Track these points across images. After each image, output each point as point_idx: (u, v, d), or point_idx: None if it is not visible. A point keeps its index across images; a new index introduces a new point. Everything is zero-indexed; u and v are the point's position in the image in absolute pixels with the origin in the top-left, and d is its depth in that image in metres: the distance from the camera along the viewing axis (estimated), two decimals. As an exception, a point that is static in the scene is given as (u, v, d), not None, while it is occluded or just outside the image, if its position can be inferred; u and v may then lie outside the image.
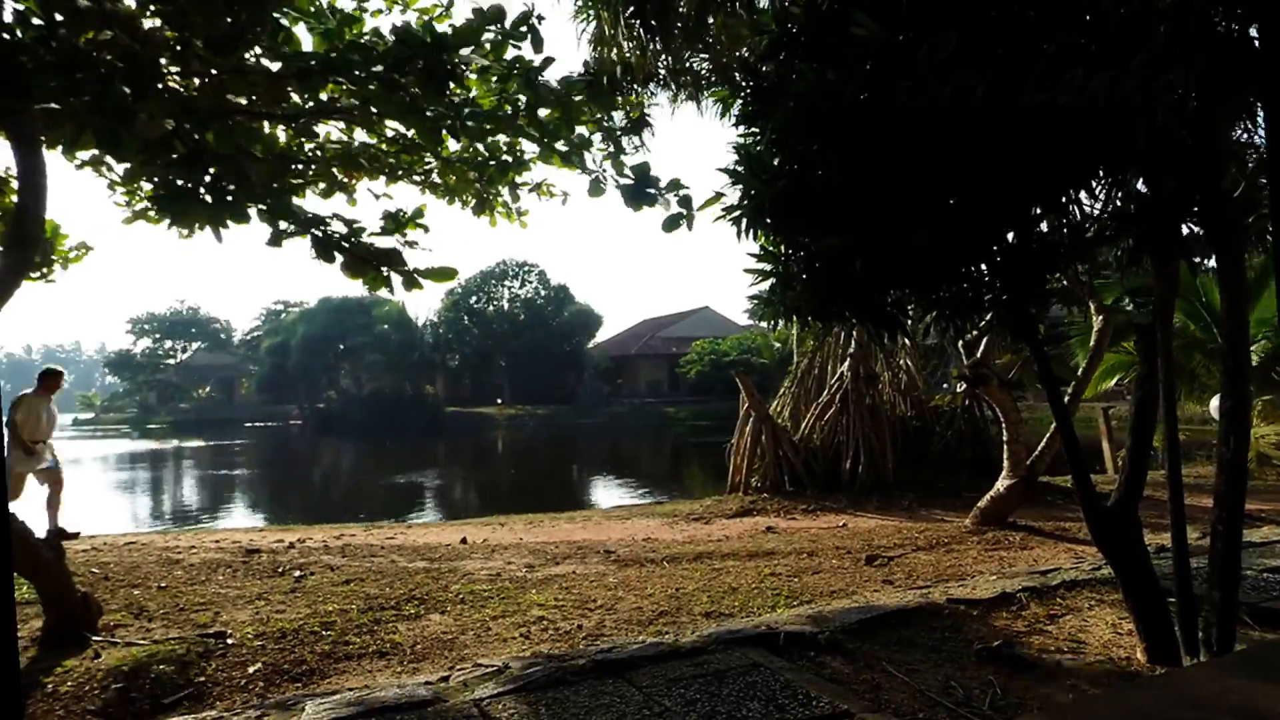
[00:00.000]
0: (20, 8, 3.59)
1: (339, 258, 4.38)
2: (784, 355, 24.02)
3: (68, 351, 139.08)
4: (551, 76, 4.26)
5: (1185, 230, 3.00)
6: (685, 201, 4.62)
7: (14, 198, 4.35)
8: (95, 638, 4.24)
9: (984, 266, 3.30)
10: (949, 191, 3.00)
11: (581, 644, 4.20)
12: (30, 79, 3.39)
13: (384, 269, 4.48)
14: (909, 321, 3.77)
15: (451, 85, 3.87)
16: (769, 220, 3.30)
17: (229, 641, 4.27)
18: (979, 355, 8.49)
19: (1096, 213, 3.17)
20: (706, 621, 4.57)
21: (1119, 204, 3.10)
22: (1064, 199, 3.10)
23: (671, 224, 4.63)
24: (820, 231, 3.20)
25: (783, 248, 3.47)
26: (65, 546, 4.47)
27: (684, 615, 4.78)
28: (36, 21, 3.57)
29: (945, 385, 14.86)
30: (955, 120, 2.70)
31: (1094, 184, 3.08)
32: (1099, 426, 12.38)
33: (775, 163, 3.22)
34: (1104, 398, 12.07)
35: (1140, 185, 3.05)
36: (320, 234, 4.36)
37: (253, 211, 4.25)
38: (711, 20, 9.47)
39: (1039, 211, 3.20)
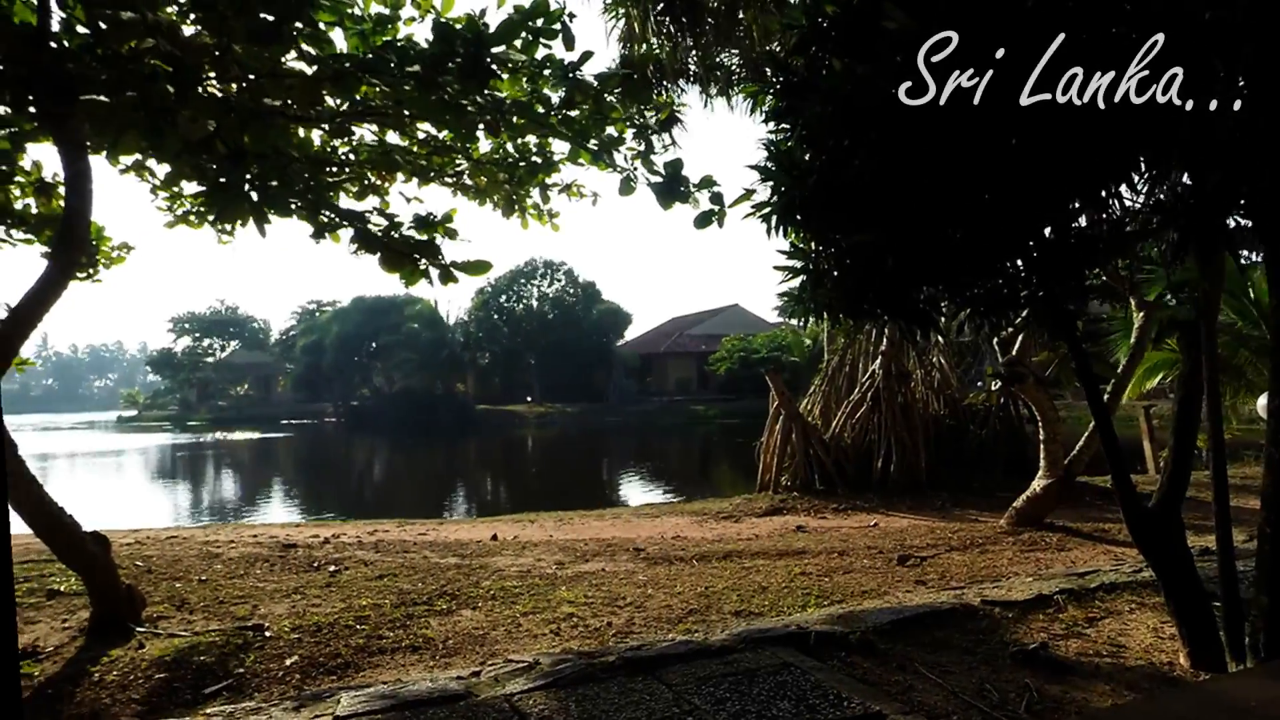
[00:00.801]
0: (66, 16, 3.71)
1: (378, 252, 4.47)
2: (814, 353, 23.84)
3: (111, 351, 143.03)
4: (586, 72, 4.27)
5: (1231, 223, 2.91)
6: (717, 198, 4.60)
7: (61, 201, 4.49)
8: (139, 628, 4.36)
9: (1020, 262, 3.23)
10: (983, 186, 2.95)
11: (611, 641, 4.21)
12: (76, 85, 3.50)
13: (421, 262, 4.55)
14: (942, 319, 3.72)
15: (490, 82, 3.90)
16: (799, 217, 3.28)
17: (266, 634, 4.36)
18: (1015, 353, 8.33)
19: (1138, 206, 3.09)
20: (736, 620, 4.56)
21: (1161, 197, 3.02)
22: (1104, 193, 3.03)
23: (703, 221, 4.62)
24: (851, 228, 3.16)
25: (813, 244, 3.44)
26: (111, 540, 4.60)
27: (713, 614, 4.77)
28: (82, 30, 3.69)
29: (979, 383, 14.61)
30: (989, 114, 2.65)
31: (1135, 177, 3.00)
32: (1140, 425, 12.07)
33: (805, 159, 3.20)
34: (1146, 397, 11.76)
35: (1184, 177, 2.96)
36: (361, 227, 4.44)
37: (293, 206, 4.34)
38: (742, 15, 9.45)
39: (1077, 206, 3.13)
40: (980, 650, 3.62)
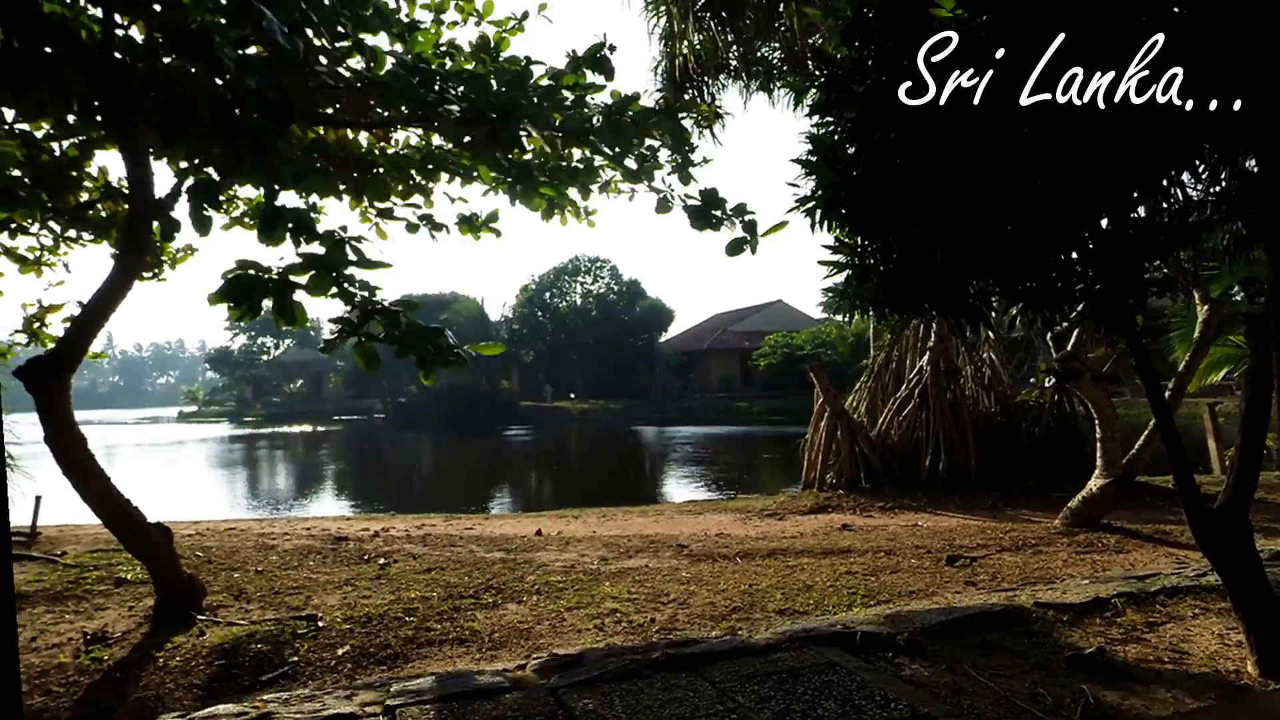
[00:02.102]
0: (124, 32, 3.86)
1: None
2: (859, 349, 23.48)
3: (172, 348, 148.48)
4: (622, 84, 4.37)
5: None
6: (750, 226, 4.63)
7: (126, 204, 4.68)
8: (200, 616, 4.53)
9: (1075, 254, 3.13)
10: (1035, 176, 2.87)
11: (654, 637, 4.22)
12: (138, 95, 3.65)
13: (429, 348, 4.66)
14: (993, 313, 3.62)
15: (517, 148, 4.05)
16: (844, 211, 3.23)
17: (320, 624, 4.49)
18: (1070, 348, 8.08)
19: (1200, 195, 2.97)
20: (780, 619, 4.52)
21: (1226, 184, 2.89)
22: (1164, 181, 2.91)
23: (735, 249, 4.66)
24: (898, 221, 3.11)
25: (858, 239, 3.39)
26: (173, 530, 4.79)
27: (757, 612, 4.75)
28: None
29: (1032, 380, 14.21)
30: (1040, 102, 2.57)
31: (1198, 163, 2.88)
32: (1204, 423, 11.60)
33: (850, 152, 3.15)
34: (1209, 393, 11.30)
35: (1250, 163, 2.83)
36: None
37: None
38: (783, 8, 9.34)
39: (1136, 195, 3.01)
40: (1033, 654, 3.52)
